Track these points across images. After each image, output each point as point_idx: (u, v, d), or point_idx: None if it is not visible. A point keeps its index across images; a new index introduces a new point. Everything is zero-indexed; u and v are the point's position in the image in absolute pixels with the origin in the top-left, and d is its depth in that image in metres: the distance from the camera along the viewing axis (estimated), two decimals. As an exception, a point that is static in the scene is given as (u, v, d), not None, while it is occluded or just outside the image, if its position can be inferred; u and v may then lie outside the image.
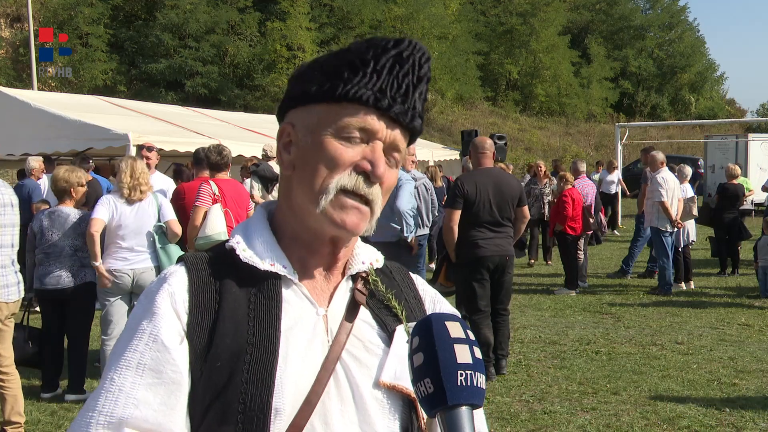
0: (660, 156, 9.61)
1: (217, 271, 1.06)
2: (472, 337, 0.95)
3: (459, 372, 0.90)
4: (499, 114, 37.80)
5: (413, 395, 1.04)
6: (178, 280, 1.05)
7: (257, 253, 1.07)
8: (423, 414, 1.07)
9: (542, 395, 5.42)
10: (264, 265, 1.06)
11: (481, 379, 0.92)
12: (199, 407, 0.99)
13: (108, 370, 0.99)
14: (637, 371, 6.01)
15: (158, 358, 0.97)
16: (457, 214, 5.61)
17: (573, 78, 40.54)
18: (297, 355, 1.02)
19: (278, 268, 1.06)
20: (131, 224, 5.28)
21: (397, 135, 1.07)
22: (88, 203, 7.22)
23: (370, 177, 1.04)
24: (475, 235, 5.63)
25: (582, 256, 10.16)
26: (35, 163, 9.34)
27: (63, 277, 5.29)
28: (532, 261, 12.37)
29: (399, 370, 1.07)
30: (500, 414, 5.00)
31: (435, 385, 0.90)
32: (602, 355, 6.50)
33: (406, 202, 6.57)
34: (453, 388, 0.90)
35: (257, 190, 8.06)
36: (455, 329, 0.94)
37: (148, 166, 6.55)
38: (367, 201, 1.05)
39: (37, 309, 5.98)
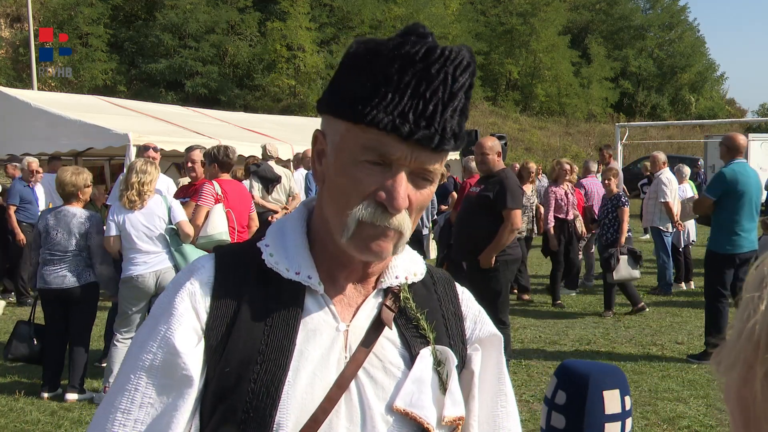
0: (662, 156, 9.63)
1: (245, 271, 1.04)
2: (628, 406, 0.87)
3: None
4: (499, 114, 37.80)
5: (427, 424, 1.01)
6: (203, 276, 1.04)
7: (286, 258, 1.04)
8: None
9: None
10: (288, 273, 1.03)
11: None
12: (208, 405, 0.99)
13: (127, 365, 1.01)
14: (637, 371, 6.00)
15: (170, 360, 0.98)
16: None
17: (573, 78, 40.56)
18: (308, 371, 1.00)
19: (302, 278, 1.03)
20: (142, 228, 5.26)
21: (424, 158, 0.98)
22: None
23: (388, 209, 0.97)
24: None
25: (581, 256, 10.14)
26: (31, 163, 9.34)
27: (68, 277, 5.30)
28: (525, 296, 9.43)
29: (416, 397, 1.02)
30: (500, 414, 4.99)
31: None
32: (602, 355, 6.50)
33: None
34: None
35: (257, 190, 8.05)
36: (612, 402, 0.87)
37: None
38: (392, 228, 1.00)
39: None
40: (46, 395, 5.45)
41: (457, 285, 1.21)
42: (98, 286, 5.49)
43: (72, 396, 5.40)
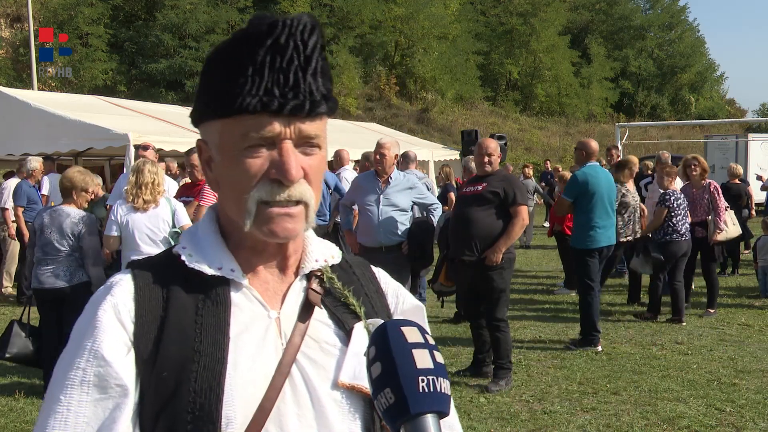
0: (665, 156, 9.60)
1: (164, 278, 1.03)
2: (431, 341, 0.90)
3: (420, 378, 0.85)
4: (499, 114, 37.81)
5: None
6: (122, 288, 1.02)
7: (205, 257, 1.04)
8: None
9: (542, 395, 5.42)
10: (210, 270, 1.03)
11: (445, 385, 0.87)
12: (148, 417, 0.96)
13: (54, 388, 0.97)
14: (637, 371, 6.00)
15: (101, 373, 0.95)
16: None
17: (573, 78, 40.58)
18: (247, 361, 0.99)
19: (225, 272, 1.03)
20: (145, 230, 5.24)
21: (303, 126, 0.99)
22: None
23: (283, 182, 0.99)
24: None
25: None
26: (36, 163, 9.33)
27: (60, 277, 5.28)
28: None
29: (358, 370, 1.03)
30: (500, 414, 5.00)
31: (396, 395, 0.84)
32: (602, 355, 6.50)
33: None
34: (414, 395, 0.84)
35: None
36: (412, 334, 0.89)
37: None
38: (294, 201, 1.01)
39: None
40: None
41: (372, 266, 1.22)
42: (90, 287, 5.47)
43: (72, 396, 5.38)
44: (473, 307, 5.83)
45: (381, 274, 1.22)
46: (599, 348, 6.64)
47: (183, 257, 1.04)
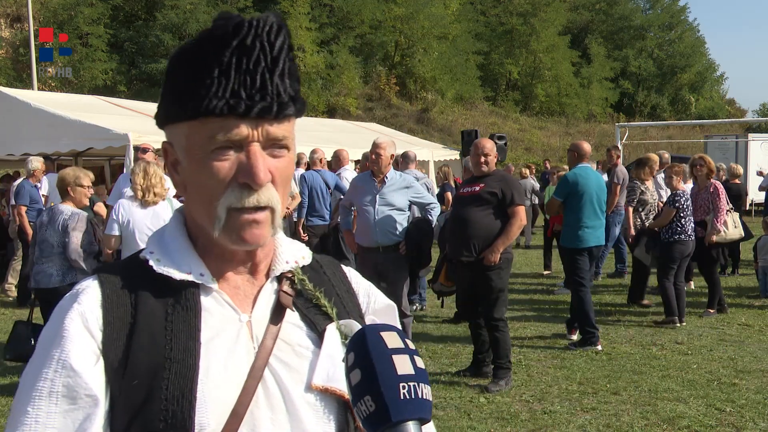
0: (664, 156, 9.61)
1: (132, 283, 1.01)
2: (411, 346, 0.89)
3: (401, 384, 0.83)
4: (499, 114, 37.83)
5: (347, 396, 0.99)
6: (89, 296, 1.00)
7: (173, 261, 1.02)
8: None
9: (542, 395, 5.42)
10: (179, 274, 1.01)
11: (426, 390, 0.85)
12: (120, 425, 0.95)
13: (21, 400, 0.95)
14: (637, 371, 6.01)
15: (70, 383, 0.93)
16: None
17: (573, 78, 40.60)
18: (219, 367, 0.98)
19: (195, 277, 1.02)
20: (145, 228, 5.24)
21: (271, 128, 0.98)
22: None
23: (251, 186, 0.97)
24: None
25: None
26: (37, 163, 9.34)
27: (53, 276, 5.28)
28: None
29: (331, 372, 1.02)
30: (500, 414, 5.00)
31: (376, 402, 0.83)
32: (602, 355, 6.50)
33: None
34: (395, 402, 0.82)
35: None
36: (392, 339, 0.87)
37: None
38: (262, 207, 0.99)
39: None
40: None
41: (343, 265, 1.22)
42: None
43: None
44: (472, 307, 5.83)
45: (352, 274, 1.20)
46: (599, 348, 6.64)
47: (151, 262, 1.02)
